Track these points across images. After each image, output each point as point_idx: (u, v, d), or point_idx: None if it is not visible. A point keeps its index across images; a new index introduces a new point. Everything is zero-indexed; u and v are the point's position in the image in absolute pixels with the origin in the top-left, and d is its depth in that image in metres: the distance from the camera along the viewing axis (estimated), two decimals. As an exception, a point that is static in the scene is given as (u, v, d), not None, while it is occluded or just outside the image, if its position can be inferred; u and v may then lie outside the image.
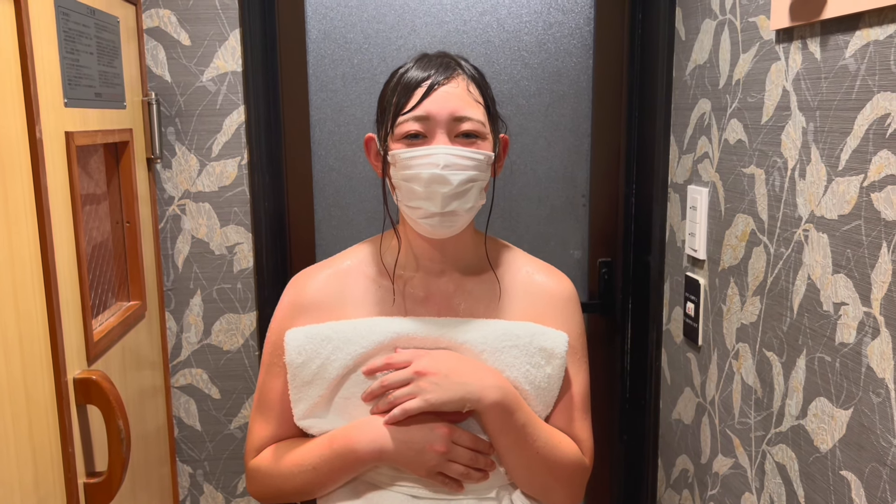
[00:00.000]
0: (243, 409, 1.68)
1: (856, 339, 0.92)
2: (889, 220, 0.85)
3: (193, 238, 1.62)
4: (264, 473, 1.11)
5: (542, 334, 1.07)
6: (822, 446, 1.00)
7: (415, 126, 1.02)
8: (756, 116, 1.18)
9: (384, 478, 1.06)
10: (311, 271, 1.15)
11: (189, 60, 1.57)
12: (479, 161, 1.02)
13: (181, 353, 1.66)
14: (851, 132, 0.92)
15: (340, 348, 1.04)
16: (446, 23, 1.71)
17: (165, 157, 1.59)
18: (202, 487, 1.70)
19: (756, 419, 1.19)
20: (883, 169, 0.86)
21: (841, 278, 0.95)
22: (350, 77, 1.72)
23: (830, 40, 0.97)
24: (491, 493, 1.06)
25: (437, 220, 1.03)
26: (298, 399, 1.07)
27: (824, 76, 0.98)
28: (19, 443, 0.93)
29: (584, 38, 1.73)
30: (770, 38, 1.13)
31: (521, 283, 1.13)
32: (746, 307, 1.22)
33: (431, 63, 1.05)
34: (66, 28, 1.13)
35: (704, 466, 1.41)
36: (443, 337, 1.06)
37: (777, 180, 1.11)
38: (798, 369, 1.06)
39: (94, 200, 1.31)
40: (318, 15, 1.70)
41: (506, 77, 1.73)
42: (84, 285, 1.14)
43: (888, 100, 0.85)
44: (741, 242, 1.24)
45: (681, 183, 1.51)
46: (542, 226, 1.79)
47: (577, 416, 1.12)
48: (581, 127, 1.76)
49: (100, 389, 1.11)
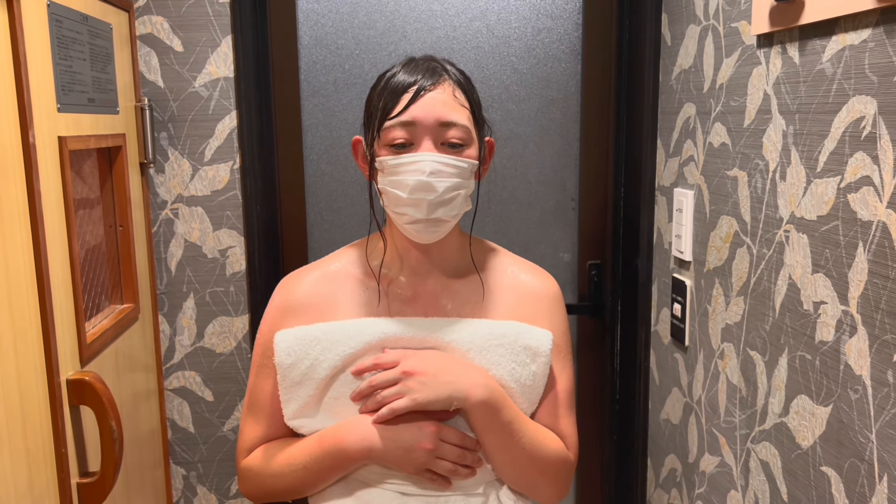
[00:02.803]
0: (236, 411, 1.69)
1: (834, 337, 0.94)
2: (864, 221, 0.87)
3: (186, 242, 1.64)
4: (255, 473, 1.12)
5: (527, 333, 1.09)
6: (803, 443, 1.02)
7: (401, 134, 1.03)
8: (739, 120, 1.20)
9: (374, 475, 1.07)
10: (300, 274, 1.16)
11: (182, 66, 1.58)
12: (464, 169, 1.04)
13: (174, 356, 1.67)
14: (829, 135, 0.94)
15: (329, 349, 1.06)
16: (436, 29, 1.73)
17: (158, 161, 1.61)
18: (195, 489, 1.71)
19: (741, 418, 1.21)
20: (858, 170, 0.88)
21: (820, 278, 0.97)
22: (341, 83, 1.74)
23: (808, 45, 0.99)
24: (478, 489, 1.08)
25: (422, 226, 1.04)
26: (288, 399, 1.08)
27: (803, 80, 1.00)
28: (13, 443, 0.95)
29: (573, 43, 1.75)
30: (752, 42, 1.15)
31: (507, 283, 1.15)
32: (731, 307, 1.24)
33: (418, 68, 1.06)
34: (59, 34, 1.14)
35: (692, 465, 1.42)
36: (430, 337, 1.07)
37: (759, 182, 1.13)
38: (780, 368, 1.08)
39: (88, 205, 1.32)
40: (310, 21, 1.72)
41: (495, 82, 1.75)
42: (77, 288, 1.16)
43: (863, 103, 0.87)
44: (725, 244, 1.26)
45: (667, 186, 1.53)
46: (533, 229, 1.81)
47: (562, 412, 1.13)
48: (570, 131, 1.78)
49: (93, 390, 1.12)
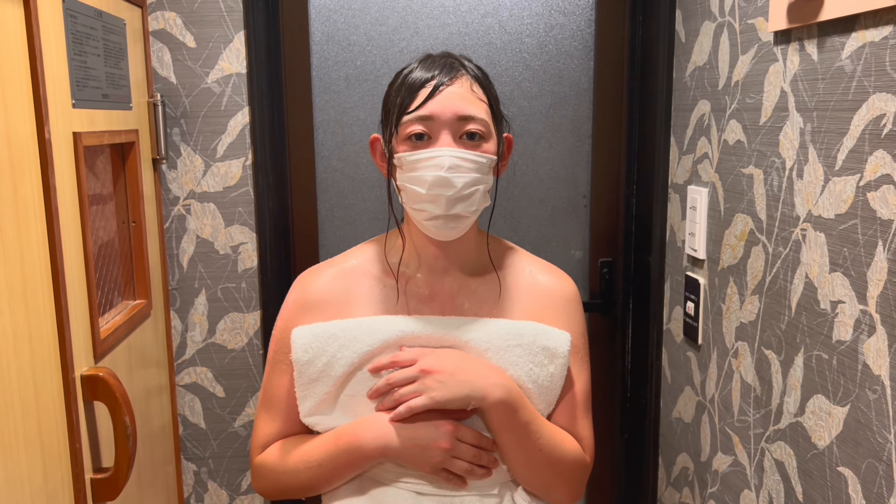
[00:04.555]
0: (247, 407, 1.70)
1: (852, 336, 0.93)
2: (884, 219, 0.87)
3: (198, 238, 1.64)
4: (270, 469, 1.12)
5: (545, 333, 1.08)
6: (819, 443, 1.02)
7: (419, 127, 1.03)
8: (754, 117, 1.19)
9: (389, 474, 1.07)
10: (317, 270, 1.16)
11: (194, 62, 1.58)
12: (483, 164, 1.03)
13: (186, 352, 1.67)
14: (848, 132, 0.94)
15: (347, 346, 1.05)
16: (448, 25, 1.72)
17: (171, 157, 1.61)
18: (206, 485, 1.72)
19: (755, 417, 1.21)
20: (878, 168, 0.87)
21: (838, 277, 0.96)
22: (353, 79, 1.74)
23: (827, 42, 0.98)
24: (494, 489, 1.07)
25: (441, 222, 1.04)
26: (304, 396, 1.08)
27: (821, 77, 1.00)
28: (28, 439, 0.95)
29: (585, 40, 1.74)
30: (768, 39, 1.14)
31: (525, 283, 1.15)
32: (745, 306, 1.23)
33: (435, 63, 1.06)
34: (73, 30, 1.14)
35: (704, 464, 1.42)
36: (447, 336, 1.07)
37: (775, 180, 1.13)
38: (796, 367, 1.08)
39: (101, 200, 1.33)
40: (322, 17, 1.72)
41: (507, 79, 1.74)
42: (91, 284, 1.16)
43: (883, 100, 0.86)
44: (740, 242, 1.25)
45: (681, 183, 1.52)
46: (544, 226, 1.81)
47: (579, 414, 1.13)
48: (582, 128, 1.77)
49: (106, 386, 1.12)
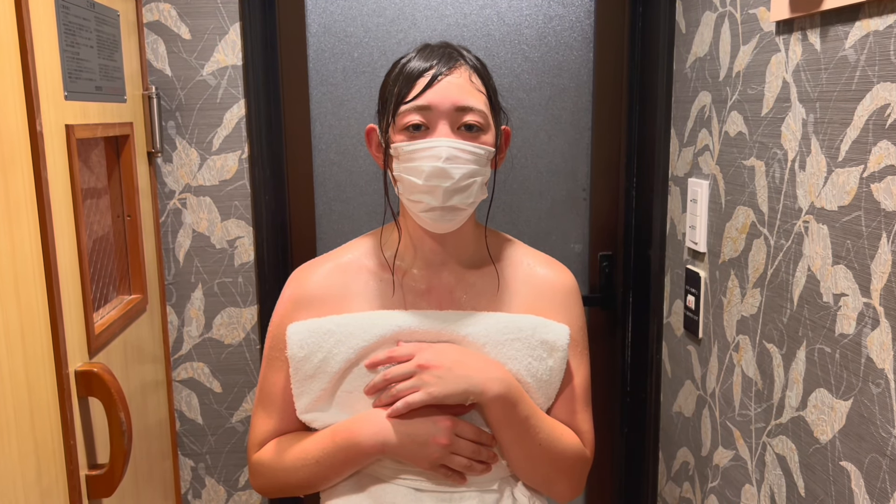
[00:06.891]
0: (245, 402, 1.69)
1: (855, 329, 0.92)
2: (889, 211, 0.85)
3: (194, 232, 1.62)
4: (267, 467, 1.11)
5: (544, 327, 1.07)
6: (821, 437, 1.01)
7: (416, 117, 1.01)
8: (756, 108, 1.18)
9: (387, 471, 1.06)
10: (312, 265, 1.15)
11: (189, 54, 1.57)
12: (481, 155, 1.02)
13: (182, 347, 1.66)
14: (851, 123, 0.92)
15: (343, 342, 1.04)
16: (447, 16, 1.71)
17: (166, 150, 1.59)
18: (204, 481, 1.71)
19: (756, 411, 1.20)
20: (883, 159, 0.86)
21: (841, 269, 0.95)
22: (350, 71, 1.72)
23: (830, 31, 0.97)
24: (493, 485, 1.07)
25: (437, 213, 1.03)
26: (301, 393, 1.07)
27: (824, 67, 0.98)
28: (21, 435, 0.94)
29: (585, 31, 1.73)
30: (770, 29, 1.13)
31: (523, 276, 1.13)
32: (747, 299, 1.22)
33: (434, 53, 1.05)
34: (66, 21, 1.13)
35: (705, 459, 1.41)
36: (445, 330, 1.06)
37: (777, 172, 1.12)
38: (798, 361, 1.06)
39: (95, 194, 1.31)
40: (319, 9, 1.70)
41: (506, 71, 1.73)
42: (85, 278, 1.14)
43: (888, 90, 0.85)
44: (741, 235, 1.24)
45: (681, 176, 1.51)
46: (543, 220, 1.79)
47: (579, 408, 1.12)
48: (582, 120, 1.76)
49: (101, 382, 1.11)
